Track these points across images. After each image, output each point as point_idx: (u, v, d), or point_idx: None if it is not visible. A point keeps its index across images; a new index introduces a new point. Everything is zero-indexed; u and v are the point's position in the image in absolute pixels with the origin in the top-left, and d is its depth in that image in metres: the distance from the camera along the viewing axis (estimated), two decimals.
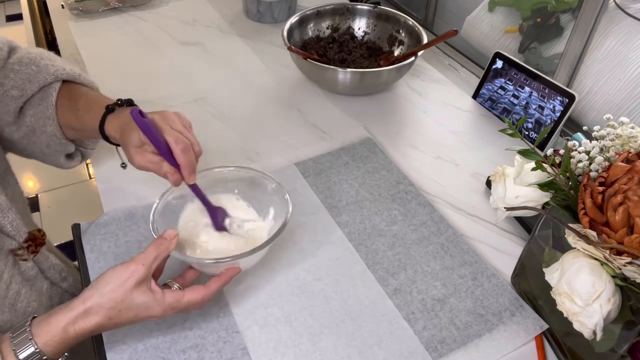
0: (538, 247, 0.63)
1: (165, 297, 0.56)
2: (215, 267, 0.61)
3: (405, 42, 1.09)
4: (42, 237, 0.69)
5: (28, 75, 0.69)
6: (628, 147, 0.54)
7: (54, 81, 0.70)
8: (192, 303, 0.58)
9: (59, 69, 0.70)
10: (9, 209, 0.63)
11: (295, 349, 0.62)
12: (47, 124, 0.70)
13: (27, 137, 0.71)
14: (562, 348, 0.62)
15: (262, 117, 0.98)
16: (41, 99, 0.70)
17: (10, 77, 0.69)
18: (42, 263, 0.70)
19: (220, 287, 0.60)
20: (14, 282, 0.64)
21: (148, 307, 0.55)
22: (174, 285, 0.60)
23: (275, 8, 1.25)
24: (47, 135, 0.71)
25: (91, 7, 1.28)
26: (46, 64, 0.70)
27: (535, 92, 0.92)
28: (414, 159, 0.89)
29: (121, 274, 0.55)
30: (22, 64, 0.70)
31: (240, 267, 0.62)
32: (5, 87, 0.68)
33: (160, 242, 0.58)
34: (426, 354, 0.61)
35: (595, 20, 0.86)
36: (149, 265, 0.56)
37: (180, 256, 0.60)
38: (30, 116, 0.70)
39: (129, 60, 1.13)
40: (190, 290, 0.58)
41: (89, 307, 0.53)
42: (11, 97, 0.68)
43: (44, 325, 0.53)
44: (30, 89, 0.69)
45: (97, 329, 0.54)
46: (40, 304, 0.69)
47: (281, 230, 0.63)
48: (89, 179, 2.19)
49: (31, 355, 0.52)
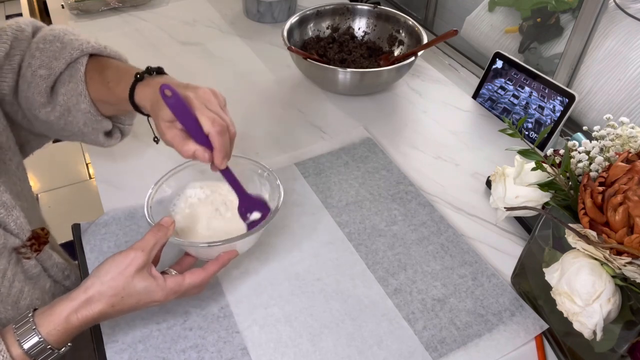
0: (538, 247, 0.63)
1: (166, 282, 0.57)
2: (209, 251, 0.61)
3: (405, 42, 1.09)
4: (45, 236, 0.69)
5: (53, 52, 0.67)
6: (628, 147, 0.54)
7: (80, 56, 0.68)
8: (192, 286, 0.58)
9: (83, 43, 0.68)
10: (14, 207, 0.63)
11: (295, 349, 0.62)
12: (80, 101, 0.68)
13: (64, 117, 0.69)
14: (562, 348, 0.62)
15: (262, 117, 0.98)
16: (70, 76, 0.68)
17: (37, 56, 0.67)
18: (45, 261, 0.70)
19: (217, 269, 0.61)
20: (16, 279, 0.64)
21: (150, 292, 0.56)
22: (171, 272, 0.60)
23: (275, 8, 1.25)
24: (82, 113, 0.69)
25: (91, 7, 1.28)
26: (70, 39, 0.68)
27: (535, 92, 0.92)
28: (414, 159, 0.89)
29: (121, 262, 0.55)
30: (47, 42, 0.68)
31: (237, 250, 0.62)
32: (33, 67, 0.67)
33: (157, 229, 0.58)
34: (426, 354, 0.61)
35: (595, 20, 0.86)
36: (148, 252, 0.56)
37: (176, 240, 0.60)
38: (63, 95, 0.68)
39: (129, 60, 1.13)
40: (189, 273, 0.59)
41: (91, 295, 0.54)
42: (40, 77, 0.67)
43: (46, 316, 0.53)
44: (57, 67, 0.67)
45: (100, 316, 0.55)
46: (43, 301, 0.69)
47: (274, 214, 0.63)
48: (89, 179, 2.20)
49: (35, 345, 0.52)
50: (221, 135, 0.58)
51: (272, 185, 0.68)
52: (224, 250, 0.61)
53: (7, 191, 0.63)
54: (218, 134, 0.58)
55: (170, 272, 0.60)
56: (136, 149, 0.89)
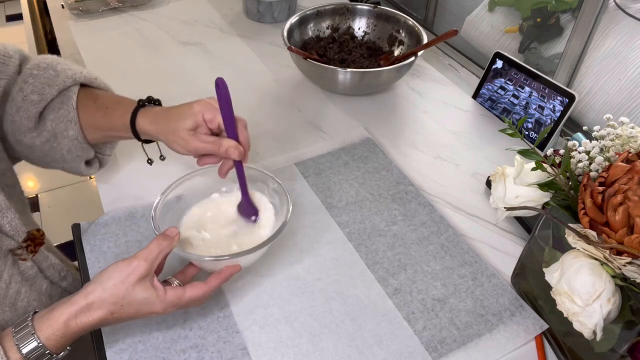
0: (538, 247, 0.63)
1: (167, 294, 0.57)
2: (215, 264, 0.61)
3: (405, 42, 1.09)
4: (41, 237, 0.69)
5: (47, 79, 0.69)
6: (628, 147, 0.54)
7: (73, 84, 0.70)
8: (192, 300, 0.58)
9: (76, 73, 0.71)
10: (8, 208, 0.63)
11: (295, 349, 0.62)
12: (68, 127, 0.70)
13: (49, 143, 0.71)
14: (562, 348, 0.62)
15: (262, 117, 0.98)
16: (62, 103, 0.70)
17: (29, 82, 0.69)
18: (41, 262, 0.70)
19: (220, 284, 0.60)
20: (13, 281, 0.64)
21: (149, 303, 0.56)
22: (174, 282, 0.60)
23: (275, 8, 1.25)
24: (68, 140, 0.71)
25: (91, 7, 1.28)
26: (63, 68, 0.71)
27: (535, 92, 0.92)
28: (414, 159, 0.89)
29: (124, 270, 0.55)
30: (40, 69, 0.70)
31: (240, 265, 0.62)
32: (24, 92, 0.68)
33: (162, 239, 0.58)
34: (426, 354, 0.61)
35: (595, 20, 0.86)
36: (151, 262, 0.56)
37: (181, 252, 0.61)
38: (51, 120, 0.70)
39: (129, 60, 1.13)
40: (191, 287, 0.58)
41: (91, 301, 0.54)
42: (31, 102, 0.68)
43: (45, 320, 0.53)
44: (49, 93, 0.69)
45: (99, 323, 0.55)
46: (40, 303, 0.69)
47: (281, 229, 0.63)
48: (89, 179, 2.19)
49: (34, 350, 0.52)
50: (246, 129, 0.65)
51: (280, 199, 0.68)
52: (228, 264, 0.61)
53: (1, 193, 0.63)
54: (244, 128, 0.65)
55: (173, 282, 0.60)
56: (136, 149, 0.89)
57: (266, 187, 0.70)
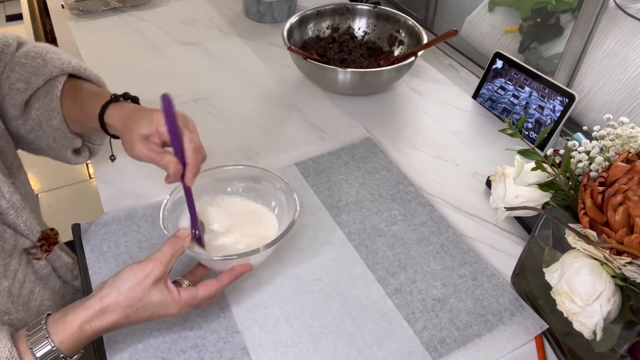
0: (538, 247, 0.63)
1: (181, 296, 0.57)
2: (224, 263, 0.61)
3: (405, 42, 1.09)
4: (55, 236, 0.69)
5: (34, 68, 0.69)
6: (628, 147, 0.54)
7: (60, 74, 0.70)
8: (205, 298, 0.58)
9: (64, 63, 0.70)
10: (23, 208, 0.63)
11: (295, 349, 0.62)
12: (52, 117, 0.70)
13: (34, 131, 0.71)
14: (562, 348, 0.62)
15: (262, 117, 0.98)
16: (47, 92, 0.70)
17: (17, 70, 0.69)
18: (54, 262, 0.70)
19: (231, 281, 0.60)
20: (27, 280, 0.65)
21: (165, 305, 0.56)
22: (184, 283, 0.60)
23: (275, 8, 1.25)
24: (52, 129, 0.71)
25: (91, 7, 1.28)
26: (52, 58, 0.70)
27: (535, 92, 0.92)
28: (414, 159, 0.89)
29: (139, 273, 0.55)
30: (29, 57, 0.70)
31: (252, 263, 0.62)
32: (11, 80, 0.68)
33: (175, 241, 0.58)
34: (426, 354, 0.61)
35: (595, 20, 0.86)
36: (166, 264, 0.56)
37: (191, 252, 0.61)
38: (36, 109, 0.70)
39: (129, 60, 1.13)
40: (202, 285, 0.58)
41: (106, 305, 0.53)
42: (17, 90, 0.68)
43: (60, 324, 0.53)
44: (36, 82, 0.69)
45: (113, 326, 0.54)
46: (53, 302, 0.69)
47: (289, 228, 0.63)
48: (89, 179, 2.20)
49: (48, 354, 0.52)
50: (196, 152, 0.60)
51: (287, 199, 0.68)
52: (237, 263, 0.61)
53: (17, 192, 0.63)
54: (195, 151, 0.60)
55: (183, 283, 0.60)
56: None
57: (272, 186, 0.70)
